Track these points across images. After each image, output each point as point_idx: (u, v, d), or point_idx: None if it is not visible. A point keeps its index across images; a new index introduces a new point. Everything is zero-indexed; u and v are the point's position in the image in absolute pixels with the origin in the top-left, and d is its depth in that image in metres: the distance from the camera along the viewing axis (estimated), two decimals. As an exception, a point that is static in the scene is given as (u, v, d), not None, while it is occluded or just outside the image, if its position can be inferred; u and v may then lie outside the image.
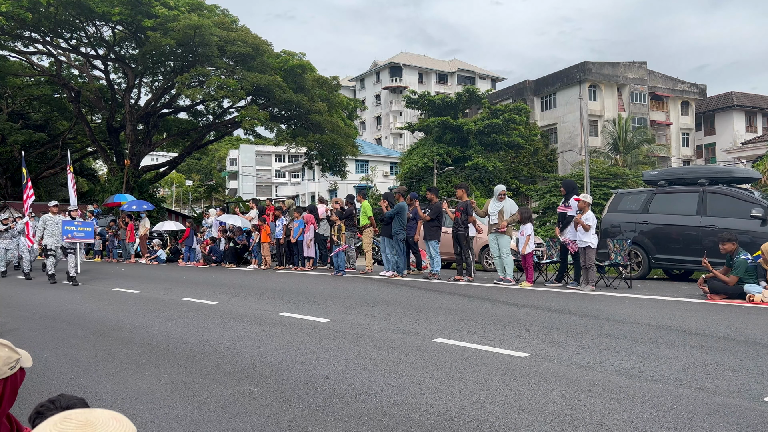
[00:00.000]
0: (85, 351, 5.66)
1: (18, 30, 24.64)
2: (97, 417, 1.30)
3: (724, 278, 7.90)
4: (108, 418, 1.30)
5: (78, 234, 12.30)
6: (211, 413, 3.66)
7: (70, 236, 12.08)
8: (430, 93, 42.98)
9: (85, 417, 1.29)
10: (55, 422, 1.29)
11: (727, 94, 49.03)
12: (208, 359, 5.11)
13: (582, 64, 43.65)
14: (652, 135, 41.95)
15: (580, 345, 5.23)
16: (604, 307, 7.40)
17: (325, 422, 3.43)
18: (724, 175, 10.98)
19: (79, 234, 12.33)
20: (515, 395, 3.80)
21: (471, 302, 8.03)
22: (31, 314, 8.33)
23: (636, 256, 10.92)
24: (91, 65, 29.99)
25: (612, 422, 3.27)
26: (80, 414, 1.31)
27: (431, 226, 11.41)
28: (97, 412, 1.33)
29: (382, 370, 4.54)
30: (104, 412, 1.33)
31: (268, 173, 74.30)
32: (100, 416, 1.31)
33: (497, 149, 38.06)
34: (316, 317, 7.07)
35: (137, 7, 24.13)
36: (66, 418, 1.30)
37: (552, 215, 27.79)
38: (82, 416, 1.30)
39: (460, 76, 69.08)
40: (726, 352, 4.84)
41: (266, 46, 27.27)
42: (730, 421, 3.25)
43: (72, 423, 1.28)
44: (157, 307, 8.48)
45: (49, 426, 1.29)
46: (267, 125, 29.15)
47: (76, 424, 1.27)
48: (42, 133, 33.36)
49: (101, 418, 1.30)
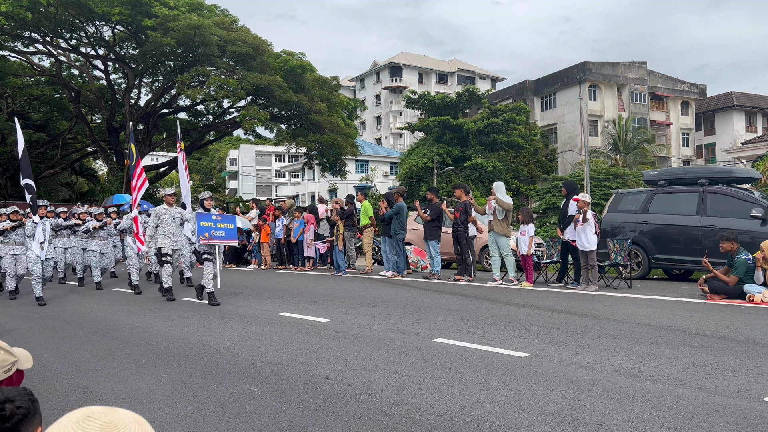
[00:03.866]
0: (85, 351, 5.66)
1: (18, 30, 24.64)
2: (120, 419, 1.26)
3: (725, 278, 7.90)
4: (131, 421, 1.27)
5: (217, 233, 8.90)
6: (211, 413, 3.66)
7: (206, 236, 8.72)
8: (430, 93, 42.97)
9: (108, 419, 1.25)
10: (78, 420, 1.25)
11: (727, 94, 49.02)
12: (208, 359, 5.11)
13: (582, 64, 43.64)
14: (652, 135, 41.94)
15: (580, 345, 5.23)
16: (604, 307, 7.40)
17: (325, 422, 3.43)
18: (724, 175, 10.97)
19: (218, 233, 8.92)
20: (515, 395, 3.80)
21: (471, 302, 8.03)
22: (31, 314, 8.33)
23: (636, 256, 10.92)
24: (91, 65, 30.00)
25: (612, 422, 3.27)
26: (104, 414, 1.26)
27: (431, 226, 11.41)
28: (119, 413, 1.28)
29: (382, 370, 4.54)
30: (126, 413, 1.29)
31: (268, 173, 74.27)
32: (123, 418, 1.27)
33: (497, 149, 38.05)
34: (316, 317, 7.07)
35: (137, 7, 24.13)
36: (89, 417, 1.25)
37: (552, 215, 27.79)
38: (105, 417, 1.25)
39: (460, 76, 69.05)
40: (726, 352, 4.84)
41: (266, 46, 27.28)
42: (730, 421, 3.25)
43: (96, 423, 1.24)
44: (156, 307, 8.48)
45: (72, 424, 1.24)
46: (267, 125, 29.17)
47: (100, 425, 1.23)
48: (42, 133, 33.37)
49: (124, 421, 1.26)
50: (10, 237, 10.00)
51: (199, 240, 8.65)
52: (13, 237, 10.01)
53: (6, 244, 10.00)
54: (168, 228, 9.34)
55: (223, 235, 8.98)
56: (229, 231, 9.10)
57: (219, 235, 8.89)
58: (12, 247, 10.02)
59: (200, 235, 8.64)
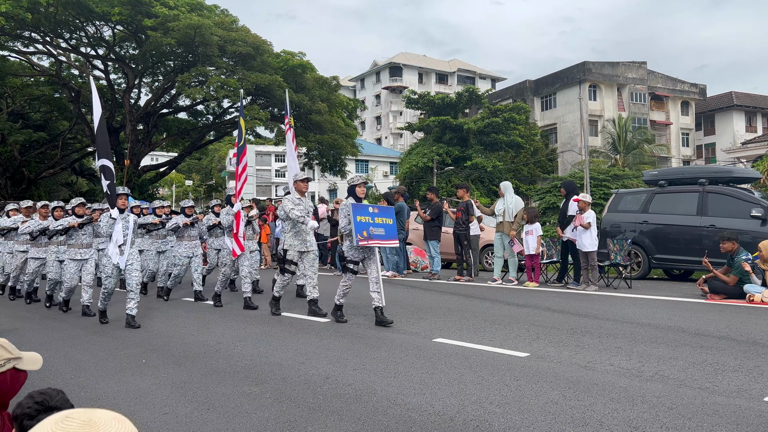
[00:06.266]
0: (85, 351, 5.66)
1: (18, 30, 24.63)
2: (99, 417, 1.30)
3: (724, 278, 7.90)
4: (110, 419, 1.30)
5: (376, 231, 6.72)
6: (211, 413, 3.66)
7: (365, 234, 6.52)
8: (430, 93, 42.98)
9: (87, 417, 1.29)
10: (57, 421, 1.29)
11: (727, 94, 49.01)
12: (208, 359, 5.11)
13: (582, 64, 43.65)
14: (652, 135, 41.94)
15: (580, 345, 5.23)
16: (604, 307, 7.40)
17: (325, 422, 3.43)
18: (724, 175, 10.97)
19: (377, 231, 6.73)
20: (515, 395, 3.80)
21: (471, 302, 8.03)
22: (31, 314, 8.32)
23: (636, 256, 10.92)
24: (91, 65, 29.99)
25: (612, 422, 3.27)
26: (82, 414, 1.30)
27: (432, 226, 11.41)
28: (98, 412, 1.32)
29: (382, 370, 4.54)
30: (106, 412, 1.33)
31: (268, 173, 74.24)
32: (102, 416, 1.30)
33: (497, 149, 38.06)
34: (316, 317, 7.06)
35: (137, 7, 24.12)
36: (68, 417, 1.29)
37: (552, 215, 27.78)
38: (84, 416, 1.29)
39: (460, 76, 69.04)
40: (726, 352, 4.84)
41: (266, 46, 27.28)
42: (730, 421, 3.25)
43: (74, 423, 1.27)
44: (156, 307, 8.48)
45: (50, 425, 1.28)
46: (267, 125, 29.15)
47: (78, 424, 1.27)
48: (42, 133, 33.34)
49: (103, 419, 1.30)
50: (76, 237, 7.75)
51: (357, 240, 6.44)
52: (80, 237, 7.75)
53: (71, 247, 7.74)
54: (299, 224, 7.26)
55: (383, 233, 6.83)
56: (389, 228, 6.97)
57: (378, 233, 6.74)
58: (78, 251, 7.74)
59: (358, 233, 6.46)
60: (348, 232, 6.64)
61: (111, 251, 6.76)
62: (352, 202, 6.74)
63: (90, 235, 7.83)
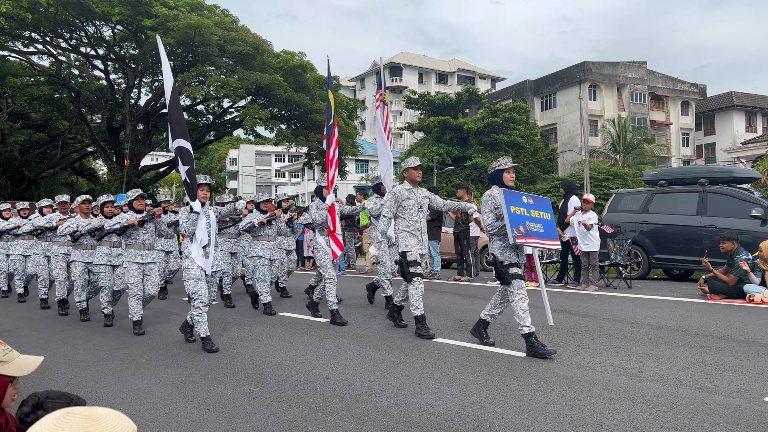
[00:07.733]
0: (85, 351, 5.66)
1: (18, 30, 24.63)
2: (100, 413, 1.33)
3: (724, 278, 7.90)
4: (110, 415, 1.34)
5: (534, 227, 5.26)
6: (211, 413, 3.66)
7: (522, 231, 5.07)
8: (430, 93, 42.98)
9: (88, 412, 1.32)
10: (58, 417, 1.31)
11: (727, 94, 49.00)
12: (208, 359, 5.11)
13: (582, 64, 43.64)
14: (652, 135, 41.92)
15: (580, 345, 5.23)
16: (604, 307, 7.40)
17: (325, 422, 3.43)
18: (724, 175, 10.97)
19: (535, 227, 5.28)
20: (515, 395, 3.80)
21: (471, 302, 8.03)
22: (31, 314, 8.32)
23: (636, 256, 10.92)
24: (91, 65, 29.99)
25: (612, 422, 3.27)
26: (83, 409, 1.34)
27: (431, 226, 11.40)
28: (99, 409, 1.35)
29: (382, 370, 4.55)
30: (105, 409, 1.36)
31: (268, 173, 74.26)
32: (102, 412, 1.34)
33: (497, 149, 38.03)
34: (316, 317, 7.06)
35: (137, 7, 24.12)
36: (69, 413, 1.32)
37: (552, 215, 27.73)
38: (85, 411, 1.33)
39: (460, 76, 69.03)
40: (726, 352, 4.84)
41: (266, 46, 27.28)
42: (730, 421, 3.25)
43: (76, 417, 1.30)
44: (156, 306, 8.47)
45: (52, 420, 1.31)
46: (267, 125, 29.16)
47: (80, 419, 1.30)
48: (42, 133, 33.34)
49: (104, 414, 1.33)
50: (136, 236, 6.49)
51: (515, 237, 4.97)
52: (141, 237, 6.51)
53: (131, 248, 6.47)
54: (413, 221, 5.97)
55: (541, 230, 5.35)
56: (548, 225, 5.52)
57: (536, 230, 5.29)
58: (140, 252, 6.47)
59: (513, 228, 4.98)
60: (496, 230, 5.16)
61: (194, 253, 5.66)
62: (498, 190, 5.22)
63: (152, 234, 6.65)
